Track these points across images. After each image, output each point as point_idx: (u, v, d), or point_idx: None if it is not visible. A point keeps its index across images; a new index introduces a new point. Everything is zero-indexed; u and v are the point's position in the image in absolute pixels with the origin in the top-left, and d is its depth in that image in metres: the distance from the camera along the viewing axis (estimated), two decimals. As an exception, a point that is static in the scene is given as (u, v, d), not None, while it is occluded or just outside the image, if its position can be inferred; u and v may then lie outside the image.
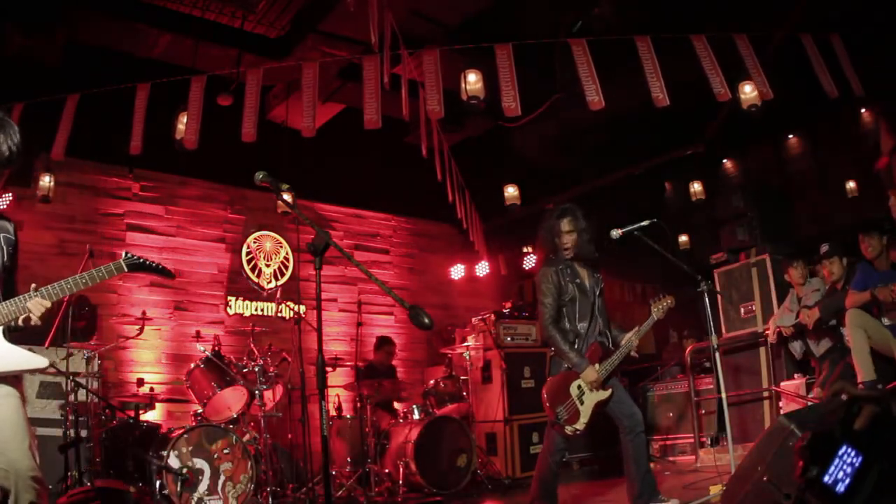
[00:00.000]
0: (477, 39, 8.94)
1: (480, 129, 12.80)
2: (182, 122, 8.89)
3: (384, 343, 12.41)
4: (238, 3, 9.96)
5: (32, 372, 4.56)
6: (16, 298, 4.47)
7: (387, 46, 8.73)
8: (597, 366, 6.77)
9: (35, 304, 4.43)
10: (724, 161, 12.16)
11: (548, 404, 6.73)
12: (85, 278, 4.65)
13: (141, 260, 4.95)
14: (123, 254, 4.91)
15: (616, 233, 7.13)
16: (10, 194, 9.74)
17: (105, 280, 4.81)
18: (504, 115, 8.92)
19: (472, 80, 8.80)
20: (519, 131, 11.67)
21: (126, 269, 4.85)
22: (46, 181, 10.20)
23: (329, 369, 10.79)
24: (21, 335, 4.56)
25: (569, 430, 6.70)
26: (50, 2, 9.38)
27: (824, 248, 9.33)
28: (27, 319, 4.48)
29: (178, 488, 7.67)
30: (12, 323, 4.48)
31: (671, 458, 11.04)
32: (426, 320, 4.48)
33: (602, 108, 8.46)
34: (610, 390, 6.84)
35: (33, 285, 4.52)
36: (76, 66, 9.98)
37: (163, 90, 8.83)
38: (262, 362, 9.37)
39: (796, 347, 9.85)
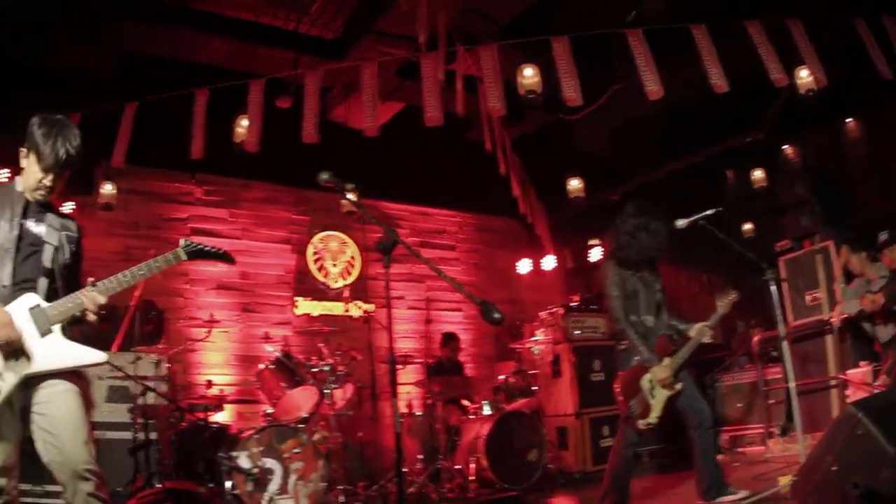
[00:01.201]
0: (529, 34, 8.90)
1: (541, 123, 12.75)
2: (241, 126, 8.94)
3: (450, 339, 12.43)
4: (291, 6, 10.01)
5: (91, 366, 4.58)
6: (72, 295, 4.54)
7: (442, 44, 8.73)
8: (666, 360, 6.76)
9: (88, 297, 4.50)
10: (784, 147, 11.96)
11: (621, 398, 6.76)
12: (143, 269, 4.71)
13: (200, 246, 4.96)
14: (181, 241, 4.93)
15: (681, 223, 7.08)
16: (73, 203, 9.87)
17: (164, 270, 4.84)
18: (563, 108, 8.87)
19: (529, 75, 8.75)
20: (579, 124, 11.59)
21: (185, 257, 4.88)
22: (108, 189, 10.30)
23: (399, 367, 10.80)
24: (89, 341, 4.62)
25: (641, 424, 6.72)
26: (101, 14, 9.50)
27: (883, 236, 9.15)
28: (84, 315, 4.54)
29: (249, 488, 7.71)
30: (69, 319, 4.55)
31: (740, 449, 10.91)
32: (497, 315, 4.48)
33: (660, 98, 8.39)
34: (681, 384, 6.82)
35: (90, 280, 4.58)
36: (133, 75, 10.14)
37: (221, 95, 8.90)
38: (331, 361, 9.38)
39: (868, 327, 9.66)
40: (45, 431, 4.39)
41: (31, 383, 4.43)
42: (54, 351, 4.47)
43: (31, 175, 4.64)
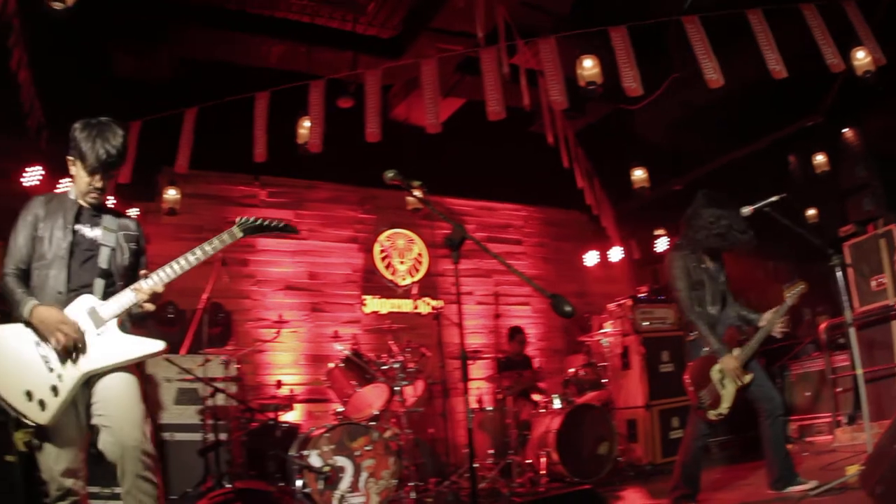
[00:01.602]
0: (587, 25, 8.87)
1: (601, 114, 12.68)
2: (304, 127, 9.02)
3: (515, 333, 12.45)
4: (347, 7, 10.06)
5: (151, 356, 4.60)
6: (127, 288, 4.60)
7: (502, 37, 8.73)
8: (735, 351, 6.73)
9: (141, 290, 4.55)
10: (844, 130, 11.76)
11: (691, 389, 6.72)
12: (197, 253, 4.73)
13: (258, 221, 4.96)
14: (238, 219, 4.94)
15: (746, 210, 7.00)
16: (137, 209, 10.01)
17: (220, 250, 4.83)
18: (624, 98, 8.83)
19: (589, 66, 8.71)
20: (641, 113, 11.54)
21: (242, 234, 4.90)
22: (171, 194, 10.46)
23: (469, 362, 10.80)
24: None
25: (712, 414, 6.70)
26: (159, 22, 9.63)
27: None
28: (142, 308, 4.61)
29: (320, 486, 7.74)
30: (126, 313, 4.62)
31: (809, 439, 10.76)
32: (568, 308, 4.48)
33: (720, 86, 8.33)
34: (751, 374, 6.78)
35: (143, 272, 4.65)
36: (191, 81, 10.32)
37: (282, 97, 8.99)
38: (401, 358, 9.37)
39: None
40: (101, 416, 4.45)
41: (90, 381, 4.51)
42: (112, 346, 4.54)
43: (81, 180, 4.72)
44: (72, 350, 4.43)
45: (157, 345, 4.64)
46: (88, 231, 4.75)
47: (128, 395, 4.51)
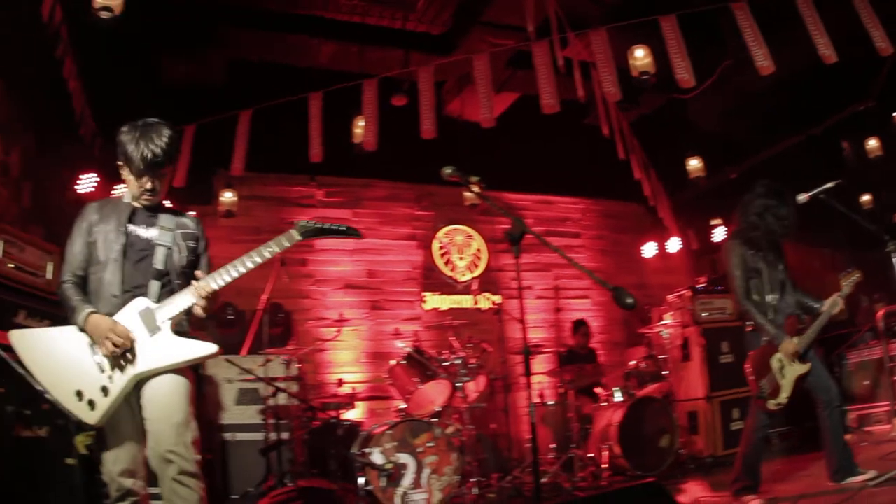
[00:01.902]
0: (637, 14, 8.82)
1: (655, 105, 12.60)
2: (359, 126, 9.08)
3: (580, 326, 12.43)
4: (397, 5, 10.09)
5: (204, 359, 4.59)
6: (182, 291, 4.61)
7: (554, 29, 8.71)
8: (795, 339, 6.68)
9: (195, 290, 4.57)
10: (895, 114, 11.57)
11: (752, 378, 6.70)
12: (253, 257, 4.70)
13: (318, 225, 4.92)
14: (296, 222, 4.90)
15: (802, 197, 6.94)
16: (194, 213, 10.08)
17: (278, 254, 4.80)
18: (676, 87, 8.77)
19: (640, 56, 8.69)
20: (694, 102, 11.43)
21: (300, 238, 4.86)
22: (228, 196, 10.64)
23: (530, 357, 10.76)
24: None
25: (772, 404, 6.67)
26: (211, 25, 9.71)
27: None
28: (199, 309, 4.61)
29: (383, 484, 7.77)
30: (181, 315, 4.62)
31: (868, 429, 10.62)
32: (629, 300, 4.49)
33: (771, 72, 8.27)
34: (809, 364, 6.75)
35: (198, 272, 4.66)
36: (244, 84, 10.37)
37: (335, 97, 9.04)
38: (462, 354, 9.36)
39: None
40: (145, 419, 4.48)
41: (142, 383, 4.53)
42: (163, 349, 4.54)
43: (132, 183, 4.75)
44: (120, 357, 4.46)
45: (209, 348, 4.62)
46: (143, 231, 4.76)
47: (172, 397, 4.50)
